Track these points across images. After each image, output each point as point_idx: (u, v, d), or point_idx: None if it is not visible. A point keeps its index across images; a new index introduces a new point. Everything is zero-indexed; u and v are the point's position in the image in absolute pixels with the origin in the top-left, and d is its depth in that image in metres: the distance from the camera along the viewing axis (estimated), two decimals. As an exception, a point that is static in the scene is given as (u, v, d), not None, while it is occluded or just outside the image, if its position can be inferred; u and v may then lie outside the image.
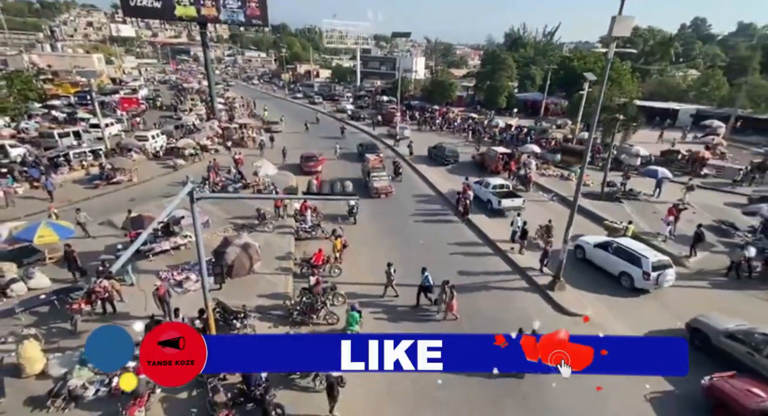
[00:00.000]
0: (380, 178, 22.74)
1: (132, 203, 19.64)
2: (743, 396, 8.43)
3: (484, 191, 21.24)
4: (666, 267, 13.58)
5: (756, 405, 8.11)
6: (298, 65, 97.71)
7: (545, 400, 9.42)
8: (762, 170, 25.81)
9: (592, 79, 27.06)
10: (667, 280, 13.48)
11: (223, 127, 34.82)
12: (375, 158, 24.60)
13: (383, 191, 21.97)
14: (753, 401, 8.22)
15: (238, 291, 12.90)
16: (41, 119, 35.77)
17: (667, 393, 9.73)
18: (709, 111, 42.75)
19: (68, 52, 78.77)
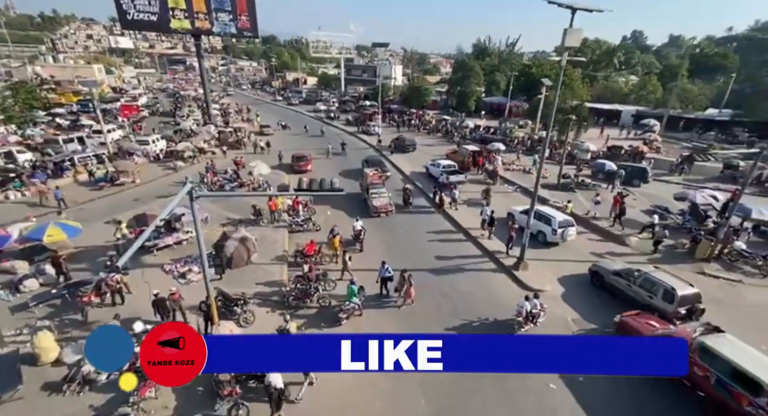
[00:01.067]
0: (380, 195, 19.09)
1: (136, 203, 19.03)
2: (644, 327, 9.85)
3: (435, 169, 24.21)
4: (569, 225, 15.71)
5: (650, 332, 9.63)
6: (287, 73, 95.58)
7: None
8: (690, 162, 26.92)
9: (549, 84, 27.44)
10: (570, 235, 15.75)
11: (219, 131, 33.90)
12: (374, 173, 21.20)
13: (383, 210, 18.58)
14: (650, 330, 9.70)
15: (237, 281, 12.72)
16: (46, 126, 33.98)
17: (589, 329, 10.96)
18: (647, 111, 44.13)
19: (70, 63, 74.82)
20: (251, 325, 10.78)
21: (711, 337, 8.66)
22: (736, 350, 8.17)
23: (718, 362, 8.09)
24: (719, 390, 7.93)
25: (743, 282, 13.58)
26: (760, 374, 7.45)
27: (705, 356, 8.33)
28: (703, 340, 8.54)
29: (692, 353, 8.46)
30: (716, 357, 8.13)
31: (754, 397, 7.37)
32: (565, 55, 12.19)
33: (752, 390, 7.46)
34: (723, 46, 62.53)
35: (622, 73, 57.60)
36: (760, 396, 7.30)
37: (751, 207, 16.30)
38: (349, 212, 18.66)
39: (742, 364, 7.73)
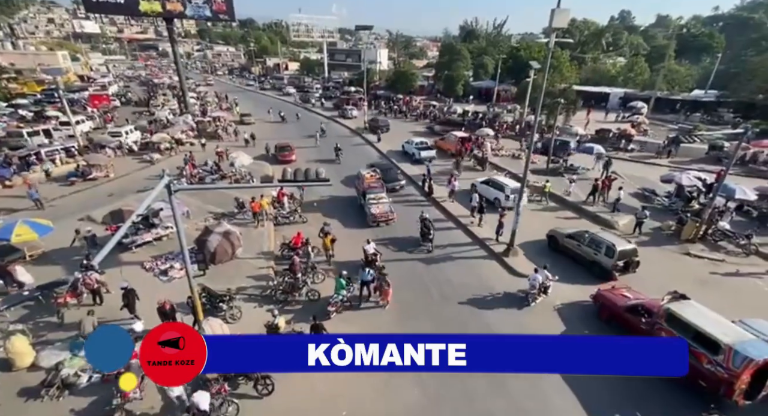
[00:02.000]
0: (378, 200, 17.08)
1: (110, 198, 18.46)
2: (617, 298, 10.77)
3: (409, 147, 26.47)
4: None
5: (624, 303, 10.49)
6: (267, 59, 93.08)
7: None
8: (677, 144, 27.53)
9: (537, 67, 27.46)
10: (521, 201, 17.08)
11: (197, 121, 32.94)
12: (370, 175, 18.44)
13: (383, 218, 16.47)
14: (622, 301, 10.58)
15: (222, 276, 12.57)
16: (8, 119, 32.40)
17: (570, 304, 11.71)
18: (635, 94, 44.75)
19: (31, 49, 70.96)
20: (238, 321, 10.70)
21: (676, 304, 9.42)
22: (698, 314, 8.93)
23: (682, 326, 8.82)
24: None
25: (726, 262, 14.12)
26: (719, 334, 8.20)
27: (671, 321, 9.12)
28: (669, 307, 9.31)
29: (659, 319, 9.34)
30: (680, 321, 8.89)
31: (712, 355, 8.11)
32: (552, 36, 12.13)
33: (711, 349, 8.18)
34: (709, 25, 63.47)
35: (610, 55, 58.03)
36: (717, 354, 8.03)
37: (734, 187, 16.83)
38: (345, 220, 16.97)
39: (703, 326, 8.49)
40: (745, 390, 7.77)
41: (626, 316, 10.21)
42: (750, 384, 7.76)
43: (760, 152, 24.70)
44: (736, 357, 7.77)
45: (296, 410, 8.24)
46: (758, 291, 12.53)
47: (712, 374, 8.08)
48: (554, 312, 11.42)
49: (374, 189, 17.66)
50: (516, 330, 10.56)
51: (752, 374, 7.67)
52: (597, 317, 11.11)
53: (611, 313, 10.71)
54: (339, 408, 8.29)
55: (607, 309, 10.84)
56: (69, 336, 9.88)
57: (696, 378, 8.35)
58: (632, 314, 10.11)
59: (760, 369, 7.70)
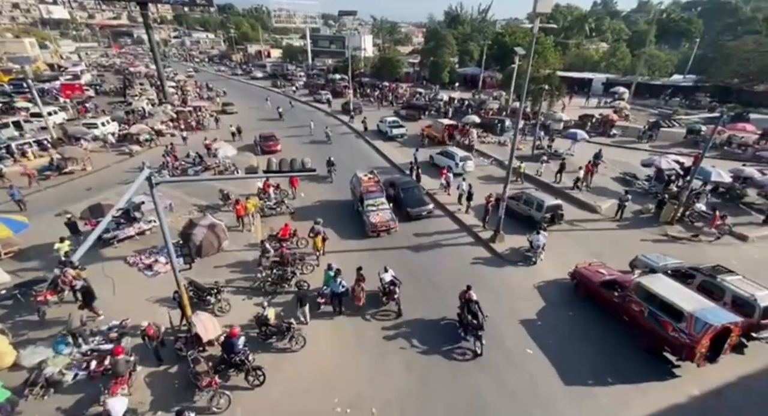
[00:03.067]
0: (378, 207, 15.28)
1: (89, 192, 17.81)
2: (593, 274, 11.29)
3: (382, 125, 28.81)
4: (468, 159, 21.17)
5: (599, 279, 10.99)
6: (248, 45, 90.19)
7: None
8: (657, 128, 28.09)
9: (522, 53, 27.42)
10: (468, 166, 20.96)
11: (177, 111, 31.87)
12: (369, 178, 16.51)
13: (383, 227, 14.70)
14: (598, 277, 11.10)
15: (209, 270, 12.37)
16: (-27, 110, 30.68)
17: (549, 281, 12.24)
18: (617, 79, 45.26)
19: (-6, 36, 66.90)
20: (227, 314, 10.59)
21: (646, 277, 10.08)
22: (665, 286, 9.52)
23: (650, 297, 9.41)
24: (650, 321, 9.24)
25: (703, 242, 14.63)
26: (682, 304, 8.78)
27: (640, 293, 9.66)
28: (639, 280, 9.92)
29: (631, 292, 9.86)
30: (649, 293, 9.46)
31: (676, 323, 8.70)
32: (536, 21, 12.04)
33: (675, 317, 8.77)
34: (688, 10, 64.28)
35: (593, 40, 58.28)
36: (681, 321, 8.63)
37: (710, 170, 17.31)
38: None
39: (669, 297, 9.07)
40: (705, 354, 8.40)
41: (601, 291, 10.72)
42: (709, 348, 8.38)
43: (735, 135, 25.44)
44: (697, 324, 8.34)
45: (288, 399, 8.27)
46: (732, 267, 13.06)
47: (676, 340, 8.67)
48: (535, 291, 11.84)
49: (373, 193, 15.70)
50: (504, 314, 10.78)
51: (711, 338, 8.27)
52: (574, 293, 11.62)
53: (587, 289, 11.21)
54: (331, 395, 8.37)
55: (583, 285, 11.37)
56: (51, 334, 9.63)
57: (662, 346, 9.01)
58: (606, 289, 10.63)
59: (718, 334, 8.31)
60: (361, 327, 10.46)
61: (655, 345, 9.18)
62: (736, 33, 48.02)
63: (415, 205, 16.30)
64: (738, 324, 8.47)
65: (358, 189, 16.16)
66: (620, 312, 10.10)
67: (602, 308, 10.68)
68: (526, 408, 8.17)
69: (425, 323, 10.54)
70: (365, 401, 8.29)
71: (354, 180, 17.12)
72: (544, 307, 11.18)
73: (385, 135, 28.11)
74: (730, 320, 8.39)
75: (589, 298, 11.13)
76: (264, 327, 9.49)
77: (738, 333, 8.60)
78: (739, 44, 38.85)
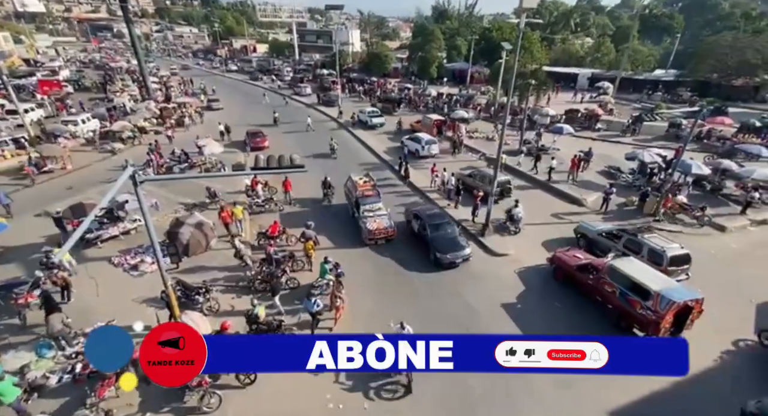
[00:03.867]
0: (375, 213, 14.42)
1: (70, 192, 17.32)
2: (570, 259, 11.85)
3: (362, 115, 30.14)
4: (432, 142, 23.13)
5: (575, 262, 11.57)
6: (233, 40, 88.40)
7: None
8: (640, 122, 28.65)
9: (509, 48, 27.59)
10: (432, 149, 22.92)
11: (162, 108, 31.11)
12: (364, 181, 15.68)
13: (381, 234, 13.83)
14: (574, 261, 11.66)
15: (197, 269, 12.22)
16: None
17: (530, 267, 12.78)
18: (601, 74, 45.92)
19: (-36, 30, 63.96)
20: (217, 313, 10.47)
21: (618, 260, 10.78)
22: (635, 268, 10.16)
23: (621, 278, 10.05)
24: (621, 300, 9.93)
25: (684, 233, 15.06)
26: (649, 283, 9.42)
27: (613, 275, 10.30)
28: (612, 263, 10.61)
29: (604, 274, 10.52)
30: (620, 274, 10.10)
31: (644, 301, 9.34)
32: (523, 17, 12.11)
33: (643, 296, 9.40)
34: (670, 6, 65.45)
35: (579, 36, 58.96)
36: (648, 300, 9.27)
37: (691, 163, 17.77)
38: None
39: (638, 277, 9.70)
40: (669, 329, 9.15)
41: (577, 274, 11.29)
42: (673, 324, 9.17)
43: (714, 129, 26.14)
44: (662, 301, 8.99)
45: (280, 397, 8.25)
46: (711, 256, 13.51)
47: (643, 317, 9.33)
48: (515, 276, 12.31)
49: (369, 198, 14.84)
50: (491, 303, 11.02)
51: (674, 314, 9.01)
52: (553, 277, 12.13)
53: (565, 273, 11.78)
54: (323, 392, 8.37)
55: (561, 269, 11.96)
56: (33, 337, 9.38)
57: (632, 323, 9.76)
58: (582, 272, 11.17)
59: (681, 311, 9.06)
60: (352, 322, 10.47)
61: (626, 322, 9.93)
62: (715, 28, 49.15)
63: (447, 248, 12.65)
64: (699, 301, 9.19)
65: (354, 193, 15.30)
66: (594, 294, 10.75)
67: (578, 290, 11.32)
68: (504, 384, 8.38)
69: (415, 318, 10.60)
70: (357, 396, 8.32)
71: (348, 183, 16.23)
72: (525, 291, 11.71)
73: (365, 124, 29.62)
74: (691, 297, 9.12)
75: (566, 281, 11.73)
76: (254, 325, 9.42)
77: (699, 309, 9.30)
78: (718, 40, 39.77)
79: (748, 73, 37.52)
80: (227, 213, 13.89)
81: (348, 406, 8.13)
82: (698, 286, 11.68)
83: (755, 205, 16.46)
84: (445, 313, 10.73)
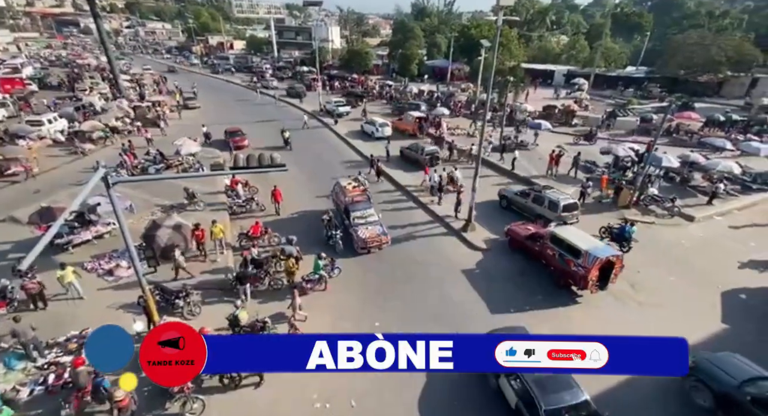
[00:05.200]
0: (367, 220, 13.68)
1: (37, 196, 16.50)
2: (521, 230, 13.54)
3: (329, 105, 32.59)
4: (385, 125, 26.45)
5: (525, 233, 13.27)
6: (209, 37, 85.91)
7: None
8: (613, 118, 29.62)
9: (488, 45, 27.94)
10: (386, 131, 26.02)
11: (134, 107, 29.98)
12: (354, 186, 15.05)
13: (374, 243, 13.18)
14: (525, 232, 13.35)
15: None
16: None
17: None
18: (576, 71, 47.19)
19: None
20: (198, 317, 10.22)
21: (558, 228, 12.56)
22: (571, 233, 11.89)
23: (560, 242, 11.70)
24: (560, 262, 11.59)
25: (656, 224, 15.70)
26: (581, 244, 11.18)
27: (554, 240, 11.94)
28: (553, 230, 12.35)
29: (546, 240, 12.16)
30: (559, 239, 11.75)
31: (576, 259, 11.03)
32: (500, 14, 12.28)
33: (576, 255, 11.06)
34: (639, 4, 67.73)
35: (554, 33, 60.30)
36: (579, 258, 10.96)
37: (661, 156, 18.52)
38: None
39: (573, 240, 11.40)
40: (596, 283, 10.91)
41: (527, 243, 12.99)
42: (598, 278, 10.87)
43: (682, 123, 27.30)
44: (589, 257, 10.69)
45: (266, 399, 8.15)
46: (680, 245, 14.16)
47: (575, 273, 11.04)
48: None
49: (359, 204, 14.10)
50: (473, 295, 11.32)
51: (599, 269, 10.68)
52: (509, 247, 13.79)
53: (517, 242, 13.45)
54: (310, 392, 8.32)
55: (514, 239, 13.65)
56: (1, 349, 8.91)
57: (568, 280, 11.44)
58: (530, 240, 12.86)
59: (604, 266, 10.73)
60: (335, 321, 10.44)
61: (564, 280, 11.57)
62: (682, 27, 51.21)
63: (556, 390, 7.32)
64: (619, 257, 10.95)
65: (342, 199, 14.50)
66: (540, 258, 12.44)
67: (528, 256, 12.99)
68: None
69: (402, 311, 10.67)
70: (343, 394, 8.31)
71: (336, 188, 15.47)
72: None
73: (331, 113, 31.87)
74: (612, 254, 10.84)
75: (519, 249, 13.40)
76: (237, 328, 9.26)
77: (620, 264, 11.00)
78: (685, 38, 41.49)
79: (712, 70, 39.31)
80: (201, 232, 12.46)
81: (335, 405, 8.12)
82: (670, 275, 12.33)
83: (721, 196, 17.32)
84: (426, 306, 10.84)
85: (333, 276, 11.77)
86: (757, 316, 10.73)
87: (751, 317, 10.69)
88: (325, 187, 17.23)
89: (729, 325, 10.35)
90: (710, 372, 7.99)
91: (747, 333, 10.05)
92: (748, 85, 39.66)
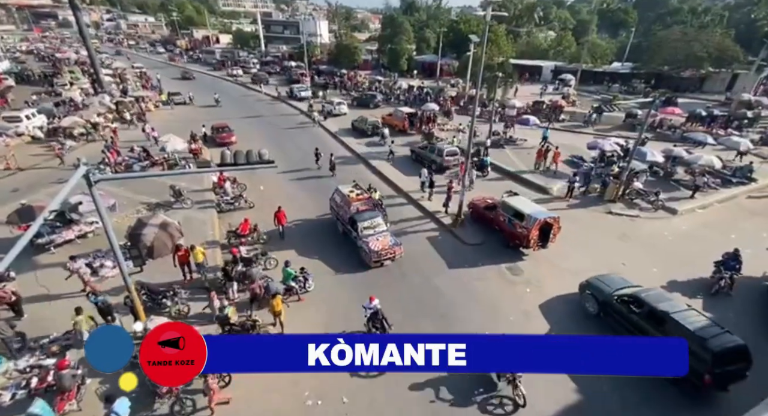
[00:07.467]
0: (375, 230, 12.66)
1: (16, 194, 15.97)
2: (481, 202, 15.31)
3: (295, 90, 36.76)
4: (341, 104, 30.82)
5: (482, 203, 15.17)
6: (194, 30, 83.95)
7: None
8: (600, 113, 30.01)
9: (477, 41, 27.96)
10: (342, 109, 30.32)
11: (117, 102, 29.17)
12: (357, 194, 13.66)
13: (387, 255, 12.15)
14: (483, 203, 15.14)
15: (163, 271, 11.60)
16: None
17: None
18: (564, 67, 47.57)
19: None
20: (186, 317, 10.06)
21: (508, 198, 14.36)
22: (519, 201, 13.79)
23: (509, 209, 13.47)
24: (509, 225, 13.36)
25: (641, 217, 16.02)
26: (524, 208, 13.07)
27: (504, 207, 13.75)
28: (504, 199, 14.22)
29: (499, 208, 13.97)
30: (509, 206, 13.56)
31: (521, 222, 12.83)
32: (489, 9, 12.28)
33: (521, 219, 12.87)
34: (624, 1, 68.54)
35: (542, 29, 60.63)
36: (523, 220, 12.77)
37: (646, 151, 18.85)
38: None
39: (519, 207, 13.24)
40: (537, 242, 12.74)
41: (484, 212, 14.76)
42: (540, 238, 12.72)
43: (666, 118, 27.83)
44: (530, 220, 12.54)
45: (258, 398, 8.09)
46: (664, 238, 14.49)
47: (521, 234, 12.82)
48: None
49: (365, 212, 12.97)
50: (465, 293, 11.29)
51: (539, 229, 12.50)
52: (471, 217, 15.38)
53: (477, 213, 15.18)
54: (302, 390, 8.29)
55: (475, 211, 15.36)
56: (-21, 354, 8.63)
57: (515, 240, 13.16)
58: (487, 210, 14.60)
59: (543, 227, 12.55)
60: (329, 314, 10.40)
61: (512, 241, 13.36)
62: (666, 23, 52.02)
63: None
64: (556, 219, 12.69)
65: (345, 208, 13.28)
66: (494, 224, 14.15)
67: (486, 224, 14.69)
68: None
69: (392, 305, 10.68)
70: (335, 391, 8.30)
71: (336, 197, 14.10)
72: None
73: (295, 97, 36.11)
74: (549, 216, 12.64)
75: (479, 219, 15.12)
76: (227, 326, 9.15)
77: (557, 226, 12.79)
78: (668, 34, 42.16)
79: (694, 65, 40.08)
80: (184, 253, 11.51)
81: (327, 402, 8.11)
82: (653, 266, 12.60)
83: (703, 190, 17.75)
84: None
85: (308, 291, 10.95)
86: (736, 305, 11.06)
87: (731, 306, 11.03)
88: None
89: (710, 314, 10.63)
90: (597, 286, 10.45)
91: (726, 321, 10.37)
92: (729, 81, 40.59)
